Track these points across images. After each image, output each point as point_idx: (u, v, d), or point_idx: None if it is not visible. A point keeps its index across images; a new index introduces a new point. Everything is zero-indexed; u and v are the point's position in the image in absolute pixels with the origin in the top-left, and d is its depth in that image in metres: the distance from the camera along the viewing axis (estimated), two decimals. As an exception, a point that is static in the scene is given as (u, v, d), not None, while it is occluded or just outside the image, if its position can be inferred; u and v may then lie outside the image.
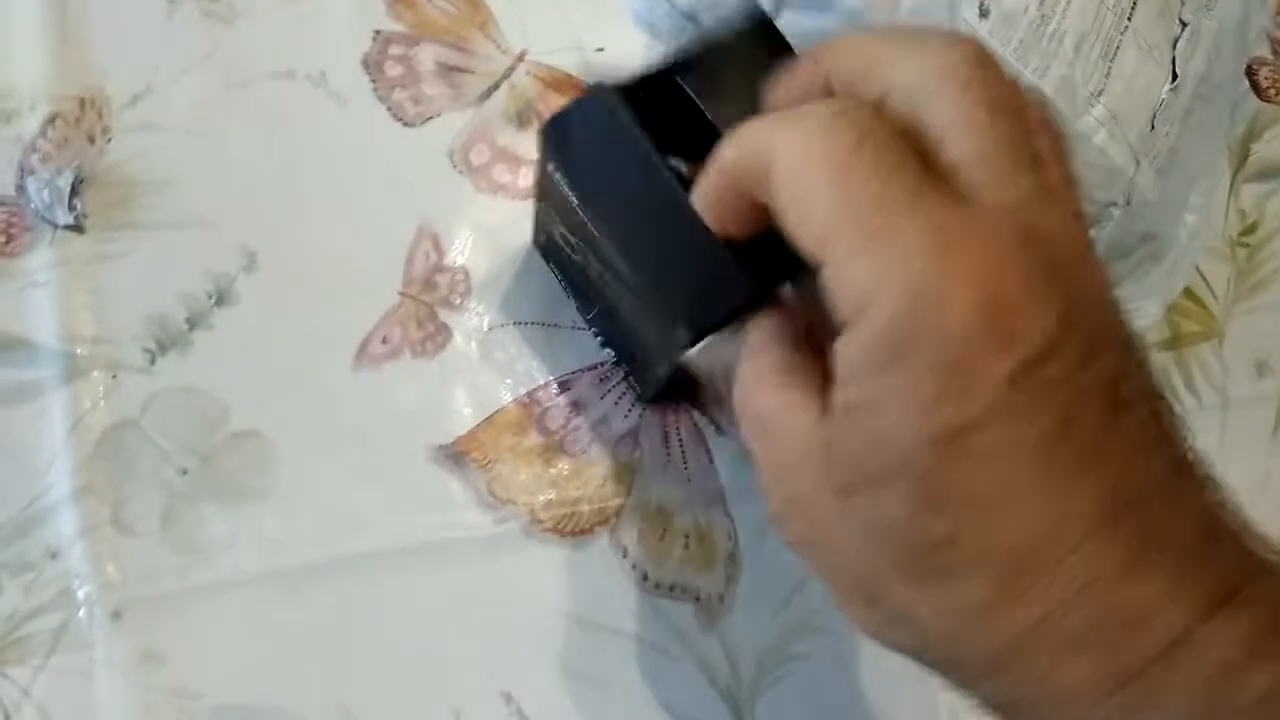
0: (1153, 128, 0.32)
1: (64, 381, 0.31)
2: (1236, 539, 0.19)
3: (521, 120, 0.35)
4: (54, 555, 0.30)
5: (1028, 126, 0.20)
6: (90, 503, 0.30)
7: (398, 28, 0.35)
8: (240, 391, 0.32)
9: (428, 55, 0.35)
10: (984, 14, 0.30)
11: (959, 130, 0.19)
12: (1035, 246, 0.18)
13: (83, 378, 0.31)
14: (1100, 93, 0.31)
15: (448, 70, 0.35)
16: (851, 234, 0.18)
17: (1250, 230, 0.40)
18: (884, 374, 0.18)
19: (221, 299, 0.32)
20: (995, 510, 0.18)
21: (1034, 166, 0.19)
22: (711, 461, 0.34)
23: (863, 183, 0.18)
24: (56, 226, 0.32)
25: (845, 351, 0.19)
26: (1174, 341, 0.38)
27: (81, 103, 0.33)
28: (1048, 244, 0.19)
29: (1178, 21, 0.33)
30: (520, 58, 0.36)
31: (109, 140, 0.33)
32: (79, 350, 0.31)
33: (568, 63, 0.36)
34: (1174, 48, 0.32)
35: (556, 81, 0.36)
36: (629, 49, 0.36)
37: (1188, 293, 0.39)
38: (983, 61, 0.20)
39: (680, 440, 0.34)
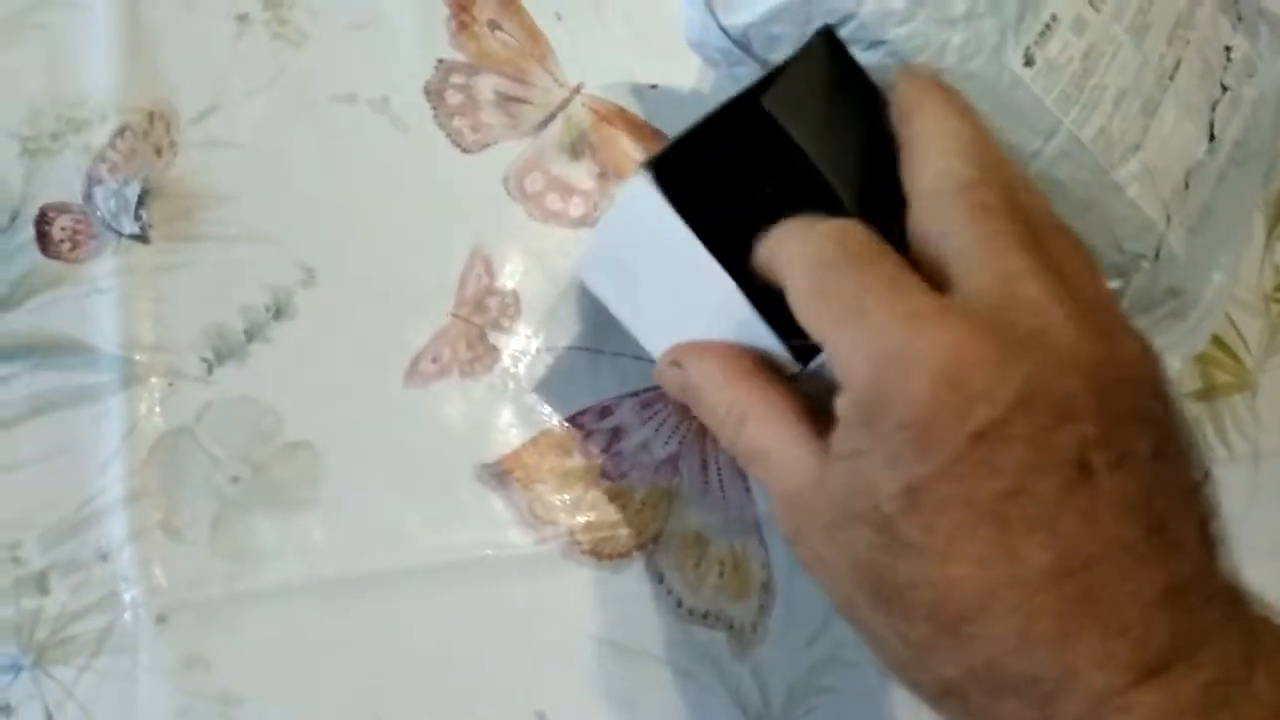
0: (1186, 186, 0.32)
1: (122, 387, 0.31)
2: (1203, 603, 0.20)
3: (575, 151, 0.36)
4: (103, 557, 0.30)
5: (1023, 218, 0.22)
6: (141, 507, 0.31)
7: (460, 57, 0.36)
8: (294, 403, 0.32)
9: (487, 85, 0.36)
10: (1029, 63, 0.31)
11: (953, 231, 0.22)
12: (1005, 325, 0.20)
13: (140, 384, 0.32)
14: (1137, 147, 0.31)
15: (506, 100, 0.36)
16: (837, 317, 0.22)
17: (1284, 285, 0.40)
18: (861, 430, 0.21)
19: (279, 313, 0.33)
20: (948, 561, 0.20)
21: (1028, 250, 0.22)
22: (749, 491, 0.34)
23: (844, 277, 0.22)
24: (121, 235, 0.33)
25: (839, 409, 0.22)
26: (1207, 392, 0.38)
27: (150, 116, 0.34)
28: (1035, 310, 0.21)
29: (1219, 86, 0.33)
30: (576, 90, 0.37)
31: (175, 154, 0.34)
32: (138, 357, 0.32)
33: (622, 96, 0.37)
34: (1213, 110, 0.33)
35: (610, 114, 0.37)
36: (683, 84, 0.37)
37: (1221, 345, 0.39)
38: (985, 165, 0.23)
39: (719, 468, 0.34)
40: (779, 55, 0.31)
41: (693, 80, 0.37)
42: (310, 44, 0.35)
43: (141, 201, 0.33)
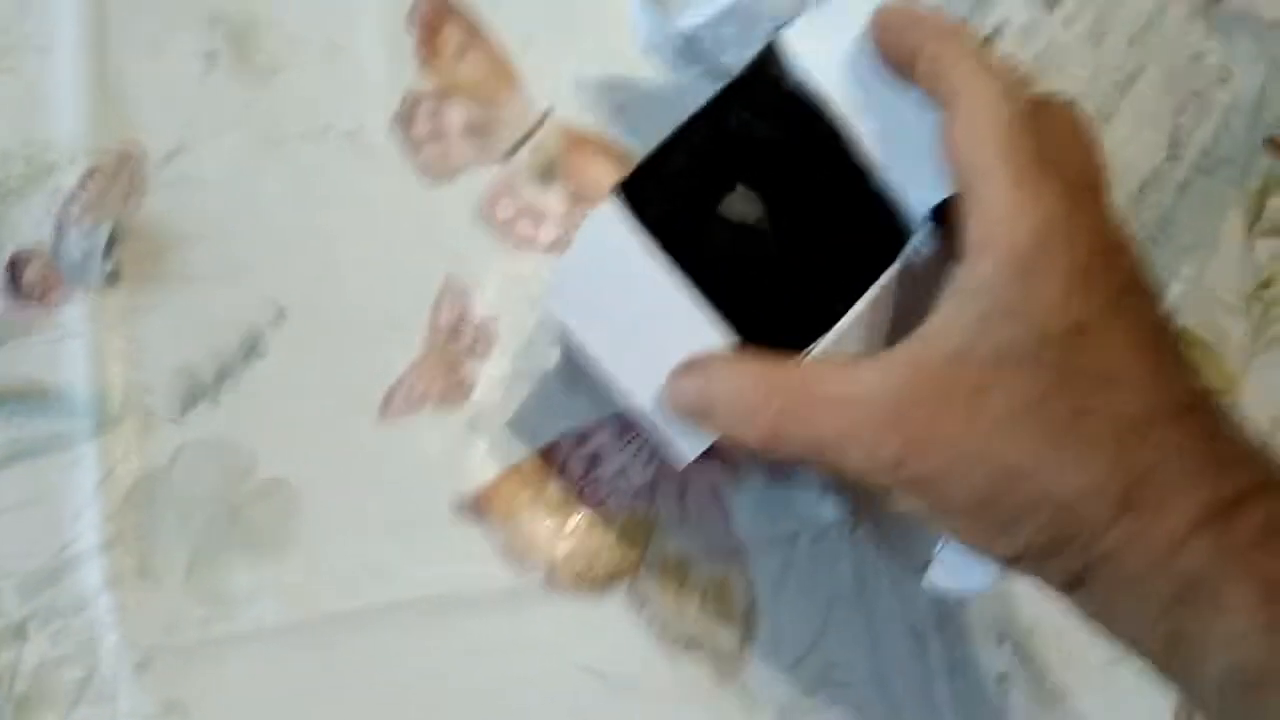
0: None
1: (95, 433, 0.31)
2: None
3: (546, 176, 0.36)
4: (80, 606, 0.30)
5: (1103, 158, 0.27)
6: (117, 553, 0.31)
7: (428, 87, 0.36)
8: (268, 442, 0.32)
9: (457, 113, 0.36)
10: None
11: (1082, 153, 0.26)
12: (1119, 229, 0.25)
13: (114, 429, 0.32)
14: None
15: (475, 127, 0.36)
16: (1009, 170, 0.24)
17: (1266, 285, 0.40)
18: (1020, 282, 0.23)
19: (251, 351, 0.33)
20: (1116, 386, 0.23)
21: (1105, 188, 0.26)
22: (728, 515, 0.34)
23: (1024, 141, 0.24)
24: (92, 279, 0.33)
25: (977, 269, 0.24)
26: (1191, 397, 0.38)
27: (119, 157, 0.34)
28: (1122, 231, 0.26)
29: (1186, 92, 0.34)
30: (546, 115, 0.37)
31: (145, 195, 0.33)
32: (111, 401, 0.32)
33: (592, 119, 0.37)
34: (1179, 117, 0.33)
35: (581, 138, 0.37)
36: (653, 104, 0.37)
37: (1203, 347, 0.39)
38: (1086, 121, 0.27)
39: (697, 494, 0.34)
40: (728, 58, 0.31)
41: (663, 100, 0.37)
42: (278, 79, 0.35)
43: (111, 244, 0.33)
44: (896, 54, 0.26)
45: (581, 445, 0.34)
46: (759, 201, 0.27)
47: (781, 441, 0.25)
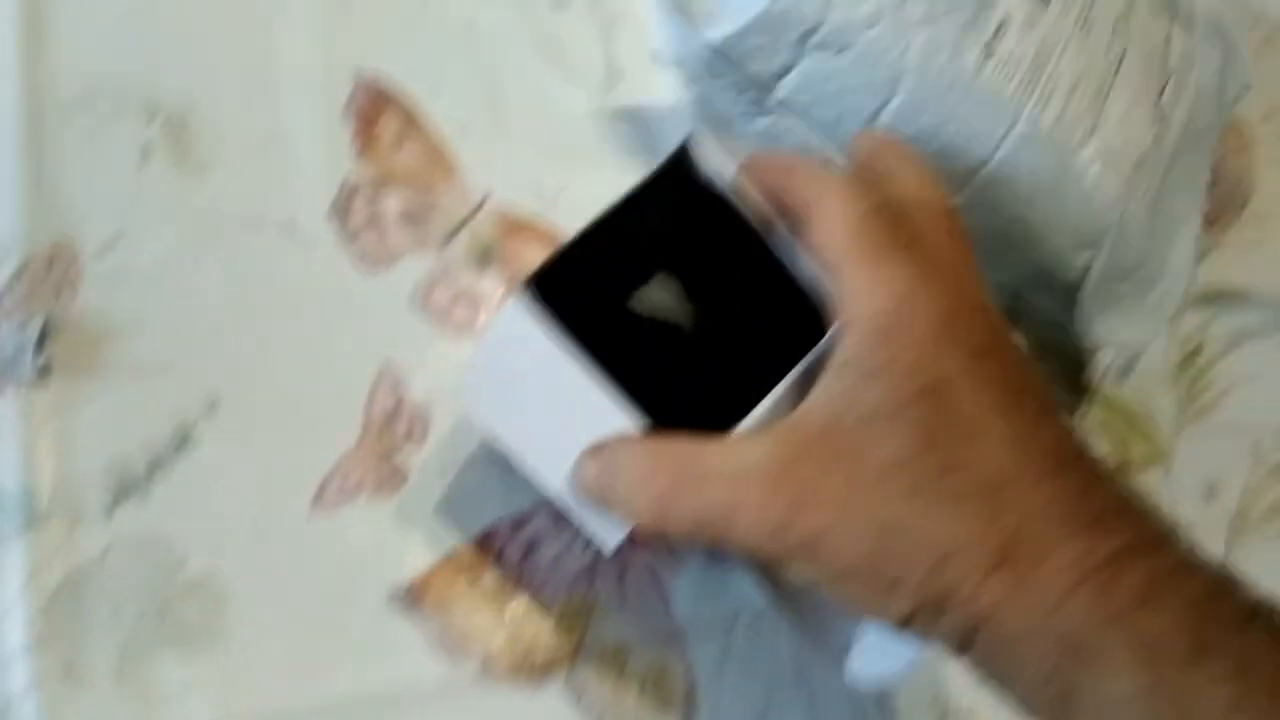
0: (1140, 168, 0.35)
1: (23, 531, 0.31)
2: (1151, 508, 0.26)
3: (483, 262, 0.37)
4: (4, 710, 0.30)
5: (962, 220, 0.28)
6: (44, 654, 0.30)
7: (366, 175, 0.37)
8: (198, 538, 0.32)
9: (393, 201, 0.37)
10: (986, 58, 0.33)
11: (941, 235, 0.27)
12: (977, 292, 0.27)
13: (42, 527, 0.31)
14: (1094, 130, 0.34)
15: (412, 215, 0.37)
16: (858, 257, 0.26)
17: (1193, 356, 0.41)
18: (881, 347, 0.25)
19: (183, 443, 0.33)
20: (979, 443, 0.24)
21: (965, 242, 0.28)
22: (666, 599, 0.34)
23: (869, 233, 0.26)
24: (23, 374, 0.32)
25: (845, 345, 0.25)
26: (1122, 468, 0.39)
27: (53, 251, 0.34)
28: (981, 293, 0.27)
29: (1163, 73, 0.36)
30: (482, 201, 0.37)
31: (78, 288, 0.33)
32: (39, 499, 0.31)
33: (529, 204, 0.37)
34: (1160, 97, 0.36)
35: (517, 223, 0.37)
36: (589, 189, 0.37)
37: (1133, 419, 0.40)
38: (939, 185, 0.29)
39: (635, 577, 0.34)
40: (756, 66, 0.34)
41: (598, 184, 0.38)
42: (214, 171, 0.36)
43: (43, 339, 0.33)
44: (766, 196, 0.29)
45: (518, 530, 0.34)
46: (677, 291, 0.27)
47: (670, 517, 0.25)
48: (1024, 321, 0.38)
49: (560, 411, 0.27)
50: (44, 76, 0.35)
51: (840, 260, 0.26)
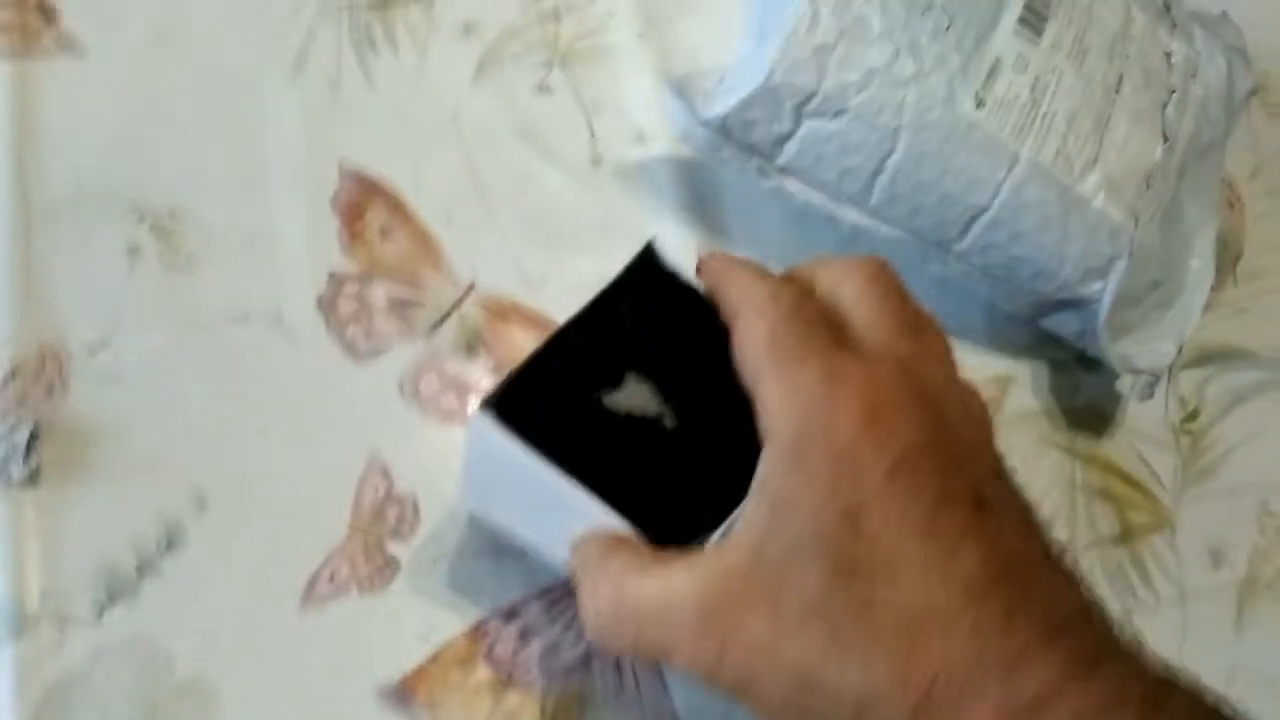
0: (1149, 186, 0.36)
1: (11, 638, 0.31)
2: (1105, 625, 0.23)
3: (470, 349, 0.37)
4: (-9, 823, 0.29)
5: (912, 310, 0.27)
6: (32, 763, 0.30)
7: (352, 267, 0.37)
8: (187, 640, 0.32)
9: (380, 291, 0.37)
10: (980, 105, 0.34)
11: (862, 307, 0.26)
12: (909, 381, 0.24)
13: (30, 633, 0.31)
14: (1095, 160, 0.35)
15: (399, 305, 0.37)
16: (773, 367, 0.24)
17: (1192, 417, 0.40)
18: (793, 473, 0.23)
19: (171, 544, 0.33)
20: (896, 575, 0.22)
21: (914, 333, 0.26)
22: (665, 684, 0.34)
23: (787, 336, 0.25)
24: (11, 479, 0.33)
25: (765, 461, 0.24)
26: (1125, 535, 0.38)
27: (42, 356, 0.34)
28: (920, 381, 0.24)
29: (1165, 89, 0.37)
30: (469, 289, 0.37)
31: (67, 391, 0.34)
32: (27, 605, 0.31)
33: (515, 291, 0.38)
34: (1164, 112, 0.36)
35: (504, 309, 0.37)
36: (574, 274, 0.38)
37: (1134, 484, 0.39)
38: (883, 269, 0.27)
39: (633, 664, 0.34)
40: (756, 138, 0.34)
41: (584, 269, 0.38)
42: (202, 268, 0.36)
43: (32, 444, 0.33)
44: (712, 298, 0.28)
45: (510, 621, 0.33)
46: (651, 391, 0.27)
47: (610, 642, 0.25)
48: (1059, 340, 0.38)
49: (548, 506, 0.27)
50: (32, 178, 0.36)
51: (756, 374, 0.25)
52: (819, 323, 0.25)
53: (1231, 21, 0.41)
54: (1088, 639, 0.23)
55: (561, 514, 0.27)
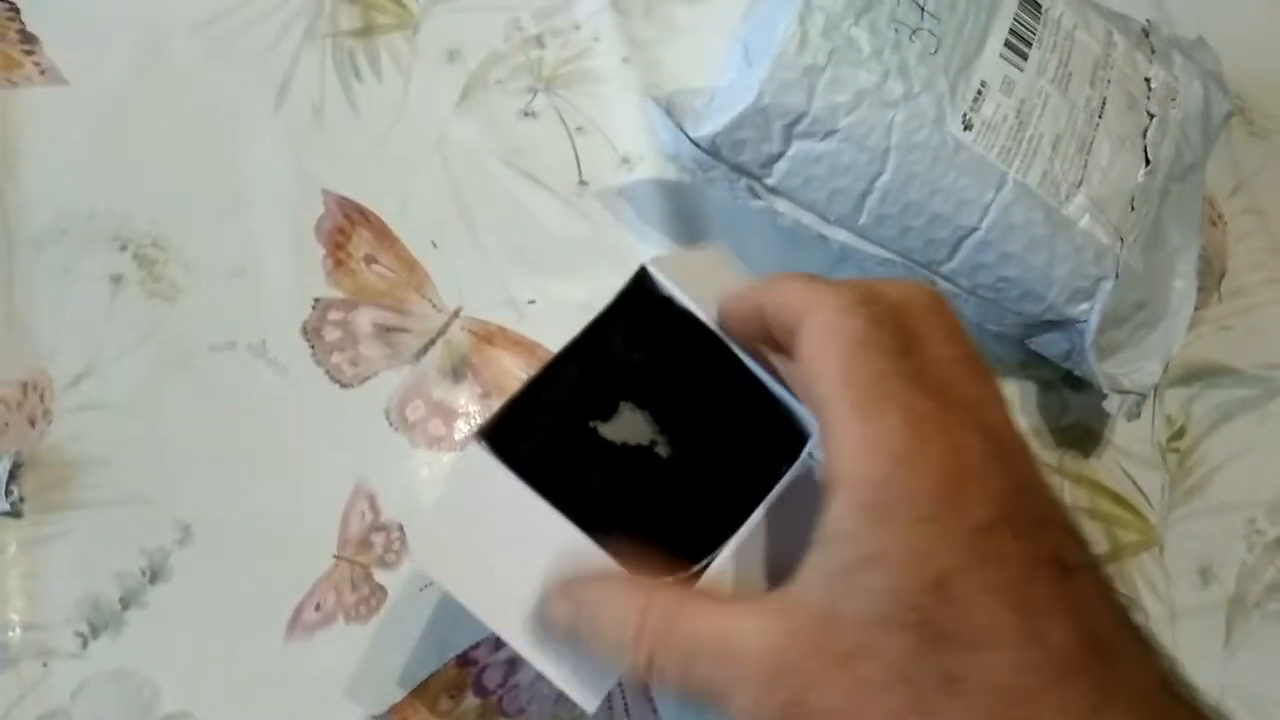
0: (1133, 208, 0.36)
1: (-7, 672, 0.31)
2: (1190, 698, 0.22)
3: (457, 374, 0.37)
4: None
5: (975, 349, 0.24)
6: (12, 802, 0.30)
7: (337, 294, 0.37)
8: (172, 672, 0.31)
9: (365, 318, 0.37)
10: (968, 127, 0.35)
11: (933, 343, 0.24)
12: (989, 436, 0.23)
13: (13, 668, 0.31)
14: (1080, 183, 0.35)
15: (385, 331, 0.37)
16: (851, 402, 0.22)
17: (1179, 435, 0.41)
18: (873, 529, 0.21)
19: (155, 576, 0.32)
20: (986, 648, 0.21)
21: (980, 377, 0.24)
22: (655, 713, 0.33)
23: (866, 364, 0.23)
24: (-7, 512, 0.32)
25: (840, 510, 0.22)
26: (1114, 554, 0.38)
27: (24, 386, 0.34)
28: (998, 435, 0.23)
29: (1146, 114, 0.37)
30: (455, 315, 0.37)
31: (50, 422, 0.34)
32: (9, 639, 0.31)
33: (501, 315, 0.38)
34: (1145, 137, 0.37)
35: (490, 334, 0.37)
36: (561, 297, 0.38)
37: (1122, 502, 0.39)
38: (944, 300, 0.25)
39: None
40: (745, 158, 0.35)
41: (569, 293, 0.38)
42: (185, 297, 0.36)
43: (14, 476, 0.33)
44: (748, 326, 0.27)
45: (499, 649, 0.33)
46: (645, 419, 0.27)
47: (655, 677, 0.23)
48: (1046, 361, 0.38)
49: (525, 563, 0.26)
50: (13, 207, 0.36)
51: (832, 398, 0.23)
52: (896, 353, 0.23)
53: (1209, 47, 0.41)
54: (1176, 714, 0.22)
55: (540, 552, 0.26)
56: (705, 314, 0.28)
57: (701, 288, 0.28)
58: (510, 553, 0.26)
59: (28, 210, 0.36)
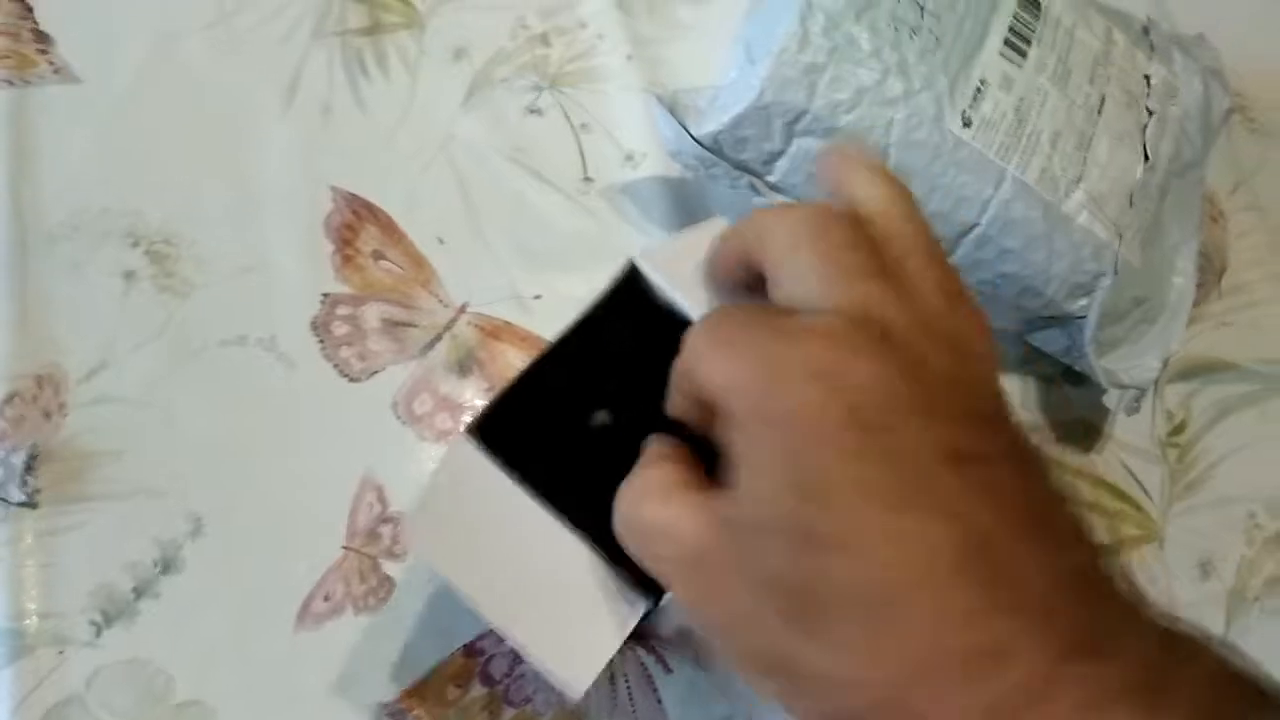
0: (1132, 204, 0.36)
1: (9, 660, 0.31)
2: (1106, 598, 0.20)
3: (463, 369, 0.37)
4: (-11, 845, 0.30)
5: (863, 251, 0.23)
6: (29, 786, 0.30)
7: (345, 289, 0.37)
8: (184, 661, 0.32)
9: (373, 313, 0.37)
10: (967, 124, 0.35)
11: (795, 264, 0.23)
12: (865, 327, 0.21)
13: (28, 655, 0.31)
14: (1079, 179, 0.36)
15: (392, 325, 0.37)
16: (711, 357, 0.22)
17: (1179, 430, 0.41)
18: (756, 444, 0.21)
19: (168, 567, 0.33)
20: (856, 550, 0.20)
21: (869, 276, 0.22)
22: (660, 702, 0.34)
23: (722, 325, 0.23)
24: (9, 504, 0.33)
25: (730, 434, 0.22)
26: (1114, 548, 0.38)
27: (39, 380, 0.34)
28: (883, 324, 0.21)
29: (1145, 111, 0.38)
30: (461, 310, 0.38)
31: (65, 415, 0.34)
32: (26, 627, 0.32)
33: (507, 310, 0.38)
34: (1144, 133, 0.37)
35: (496, 329, 0.38)
36: (566, 291, 0.38)
37: (1123, 496, 0.39)
38: (816, 214, 0.23)
39: (627, 681, 0.34)
40: (747, 155, 0.35)
41: (575, 288, 0.38)
42: (197, 292, 0.36)
43: (30, 467, 0.33)
44: (735, 275, 0.26)
45: (504, 640, 0.34)
46: (634, 413, 0.27)
47: (628, 542, 0.24)
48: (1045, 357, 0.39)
49: (515, 553, 0.26)
50: (28, 206, 0.36)
51: (690, 366, 0.23)
52: (754, 309, 0.23)
53: (1209, 43, 0.41)
54: (1092, 613, 0.19)
55: (528, 545, 0.26)
56: (696, 302, 0.28)
57: (695, 271, 0.28)
58: (500, 543, 0.26)
59: (41, 207, 0.36)
